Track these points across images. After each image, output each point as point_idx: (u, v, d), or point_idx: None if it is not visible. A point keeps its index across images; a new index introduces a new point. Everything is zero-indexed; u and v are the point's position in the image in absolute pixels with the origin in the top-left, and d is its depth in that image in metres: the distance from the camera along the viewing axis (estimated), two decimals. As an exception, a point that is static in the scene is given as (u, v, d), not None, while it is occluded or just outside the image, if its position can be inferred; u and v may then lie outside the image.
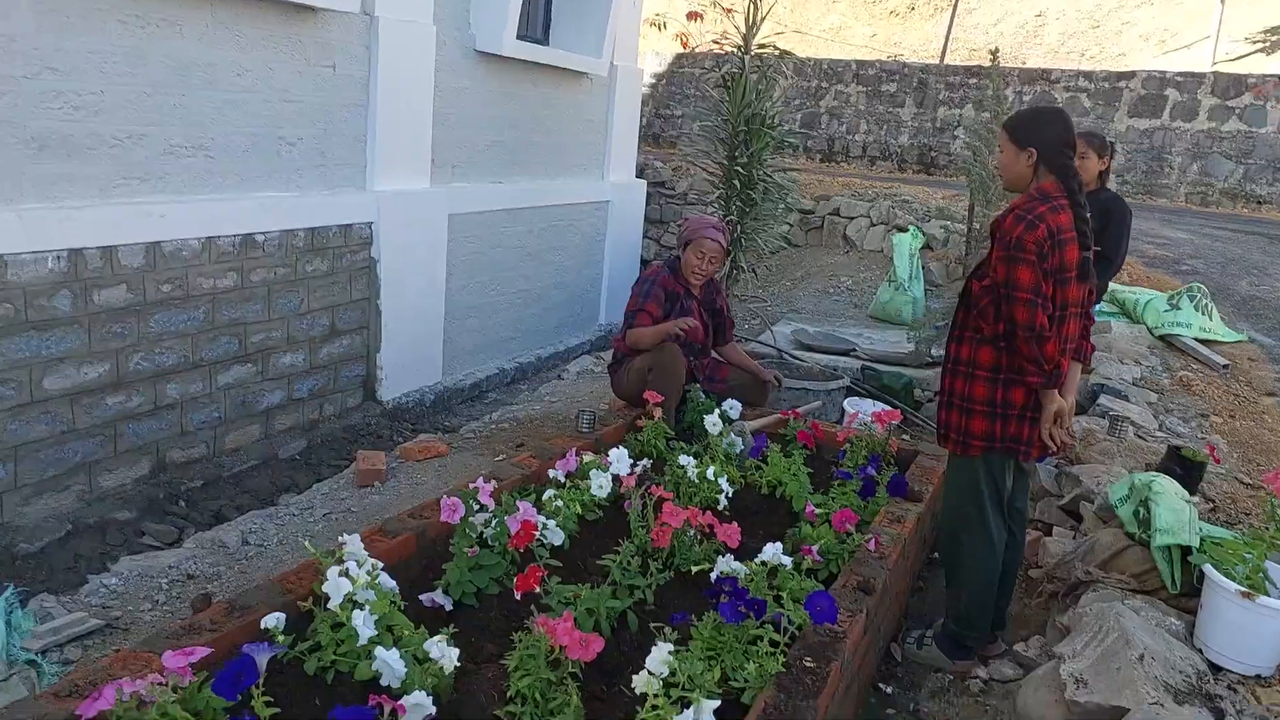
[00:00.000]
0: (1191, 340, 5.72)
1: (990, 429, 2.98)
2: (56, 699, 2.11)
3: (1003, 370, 2.95)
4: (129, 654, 2.30)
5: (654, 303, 4.34)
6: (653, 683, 2.25)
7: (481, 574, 2.94)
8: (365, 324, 6.17)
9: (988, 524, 3.04)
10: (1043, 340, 2.82)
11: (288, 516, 4.08)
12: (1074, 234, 2.89)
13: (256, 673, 1.98)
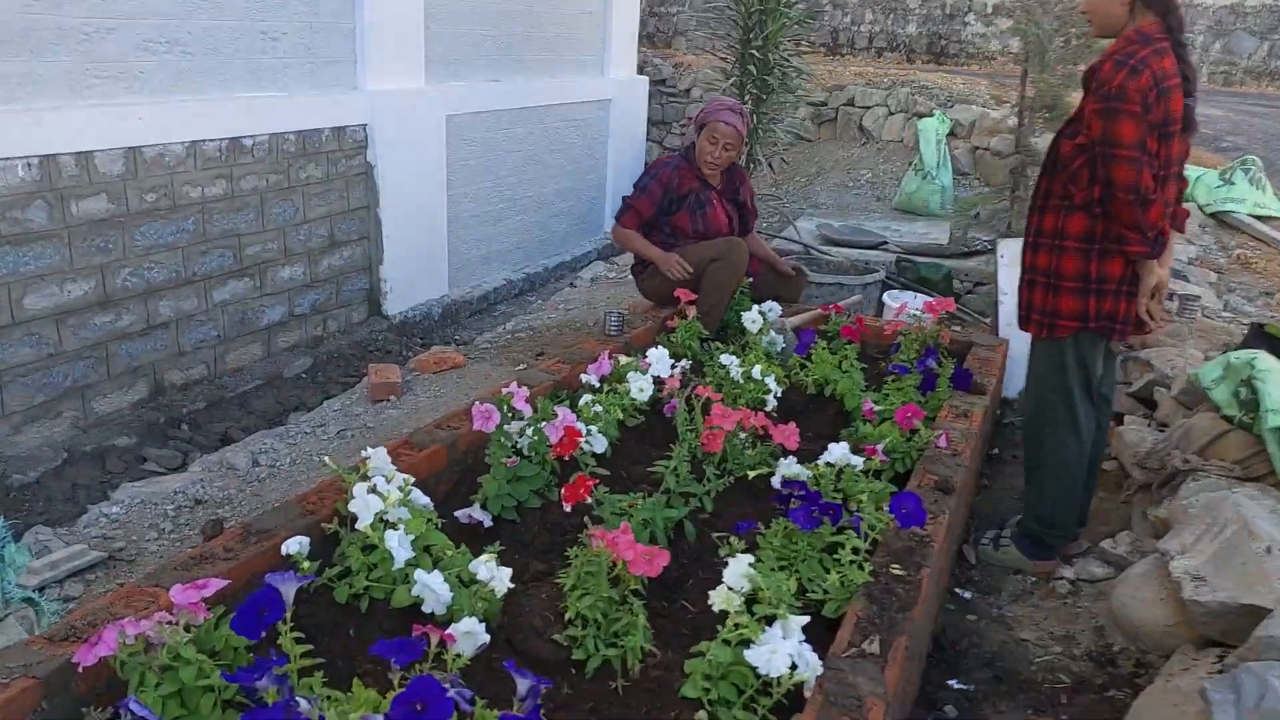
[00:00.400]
0: (1246, 216, 5.38)
1: (1082, 307, 2.67)
2: (51, 643, 1.84)
3: (1097, 240, 2.63)
4: (133, 589, 2.03)
5: (648, 200, 4.02)
6: (733, 598, 1.98)
7: (521, 486, 2.67)
8: (366, 234, 5.82)
9: (1075, 413, 2.76)
10: (1147, 204, 2.49)
11: (299, 435, 3.80)
12: (1178, 80, 2.54)
13: (282, 606, 1.70)
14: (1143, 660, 2.50)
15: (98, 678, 1.81)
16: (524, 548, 2.58)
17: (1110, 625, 2.61)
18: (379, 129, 5.67)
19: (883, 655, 1.97)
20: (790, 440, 2.80)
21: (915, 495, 2.32)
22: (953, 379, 3.31)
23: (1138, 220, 2.50)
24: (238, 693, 1.75)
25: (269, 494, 3.30)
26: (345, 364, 5.47)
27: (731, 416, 2.77)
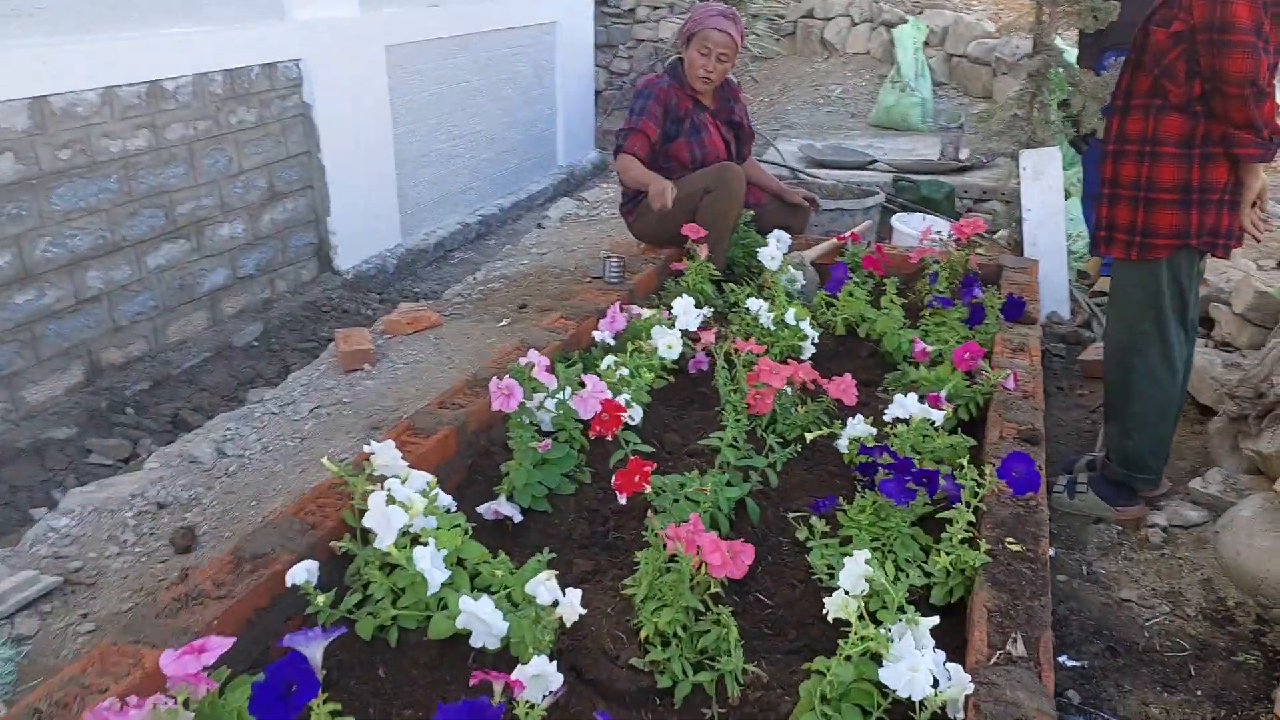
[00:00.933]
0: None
1: (1183, 222, 2.34)
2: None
3: (1197, 144, 2.29)
4: (109, 649, 1.62)
5: (650, 121, 3.53)
6: (851, 604, 1.65)
7: (550, 470, 2.29)
8: (309, 183, 5.28)
9: (1170, 342, 2.45)
10: (1263, 97, 2.15)
11: (266, 416, 3.35)
12: None
13: (314, 680, 1.32)
14: (1265, 616, 2.24)
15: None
16: (563, 542, 2.22)
17: (1219, 577, 2.35)
18: (314, 64, 5.10)
19: (1032, 657, 1.66)
20: (848, 395, 2.47)
21: (1026, 456, 2.00)
22: (1005, 308, 2.99)
23: (1253, 118, 2.16)
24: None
25: (243, 490, 2.88)
26: (300, 328, 4.99)
27: (781, 372, 2.42)
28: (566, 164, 8.02)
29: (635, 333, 2.84)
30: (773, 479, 2.29)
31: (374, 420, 3.24)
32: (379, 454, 2.02)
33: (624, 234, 4.98)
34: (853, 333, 3.20)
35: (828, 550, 2.04)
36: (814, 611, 2.01)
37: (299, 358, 4.66)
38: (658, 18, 8.96)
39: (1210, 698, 2.04)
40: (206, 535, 2.68)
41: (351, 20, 5.40)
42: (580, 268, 4.59)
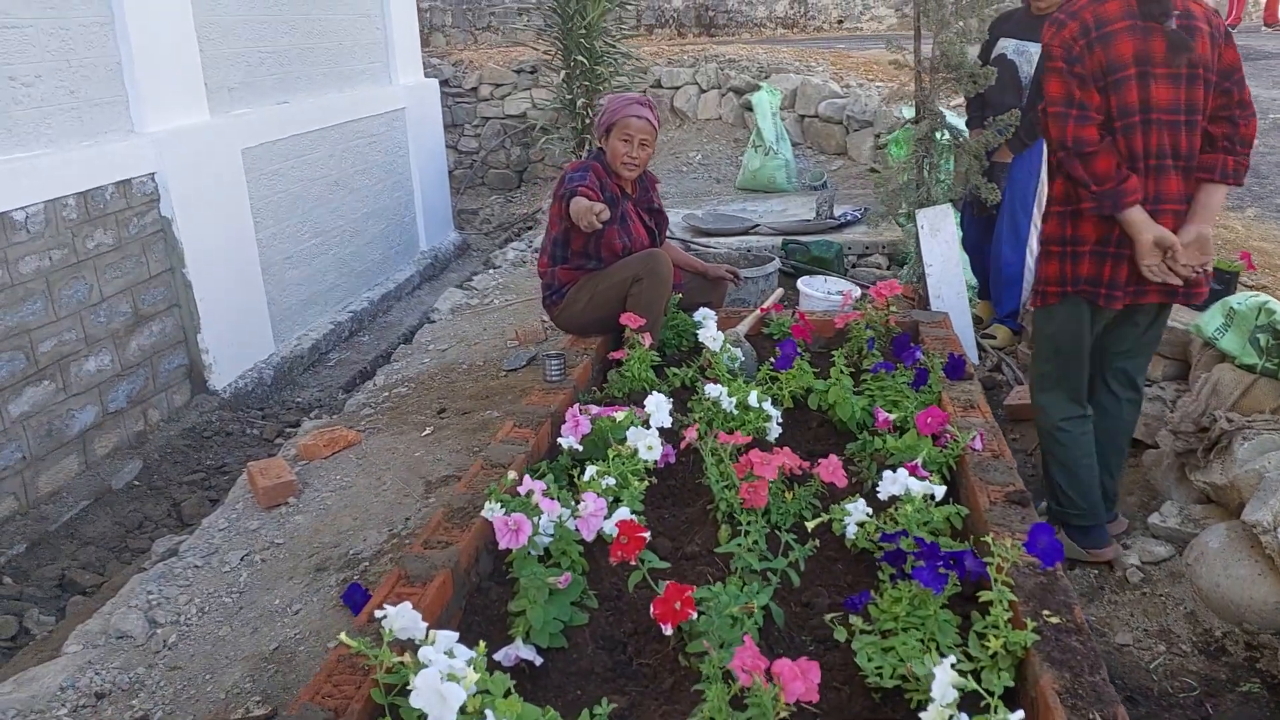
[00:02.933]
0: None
1: (1061, 271, 2.55)
2: None
3: (1071, 201, 2.51)
4: None
5: (592, 184, 3.48)
6: (945, 714, 1.62)
7: (561, 602, 2.18)
8: (175, 301, 4.95)
9: (1073, 385, 2.65)
10: (1085, 156, 2.38)
11: (189, 571, 3.06)
12: (1126, 24, 2.40)
13: None
14: (1253, 643, 2.36)
15: None
16: (586, 679, 2.10)
17: (1202, 609, 2.47)
18: (170, 176, 4.80)
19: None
20: (839, 477, 2.46)
21: (1048, 526, 2.04)
22: (946, 369, 3.08)
23: (1079, 175, 2.43)
24: None
25: (191, 664, 2.60)
26: (183, 459, 4.63)
27: (772, 463, 2.40)
28: (429, 248, 7.85)
29: (602, 434, 2.76)
30: (794, 579, 2.25)
31: (317, 561, 3.01)
32: (395, 618, 1.86)
33: (524, 321, 4.91)
34: (800, 404, 3.22)
35: (871, 648, 2.01)
36: (867, 715, 1.98)
37: (187, 492, 4.33)
38: (502, 94, 8.96)
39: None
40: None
41: (203, 126, 5.14)
42: (489, 361, 4.47)
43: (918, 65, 3.80)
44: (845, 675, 2.07)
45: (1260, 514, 2.34)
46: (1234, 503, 2.55)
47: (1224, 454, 2.60)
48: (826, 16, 12.05)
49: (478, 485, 2.60)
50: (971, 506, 2.49)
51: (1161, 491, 2.90)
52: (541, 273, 3.75)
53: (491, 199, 9.05)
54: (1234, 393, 2.71)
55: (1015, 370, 3.93)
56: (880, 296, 3.52)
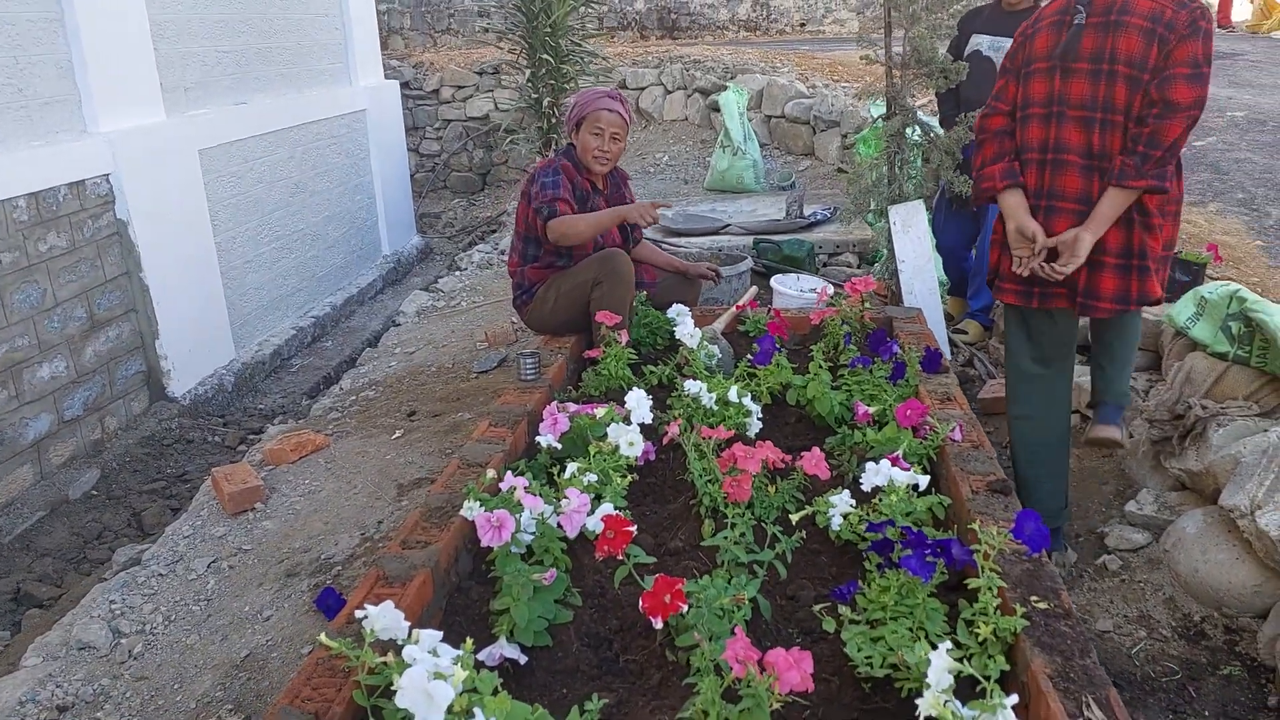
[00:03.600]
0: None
1: (997, 264, 2.62)
2: None
3: None
4: None
5: (566, 192, 3.44)
6: (942, 700, 1.60)
7: (544, 600, 2.13)
8: (132, 305, 4.83)
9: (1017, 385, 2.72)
10: (978, 144, 2.49)
11: (154, 579, 2.96)
12: (1053, 20, 2.43)
13: None
14: (1232, 626, 2.38)
15: None
16: (571, 677, 2.06)
17: (1180, 594, 2.48)
18: (125, 177, 4.69)
19: (1110, 718, 1.67)
20: (822, 470, 2.45)
21: (1034, 514, 2.03)
22: (923, 362, 3.08)
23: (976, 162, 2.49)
24: None
25: (158, 674, 2.51)
26: (142, 467, 4.51)
27: (755, 456, 2.38)
28: (391, 252, 7.75)
29: (581, 431, 2.72)
30: (782, 571, 2.23)
31: (288, 566, 2.94)
32: (377, 617, 1.80)
33: (493, 322, 4.86)
34: (777, 400, 3.21)
35: (860, 638, 1.99)
36: (858, 706, 1.96)
37: (148, 501, 4.22)
38: (464, 96, 8.88)
39: (1217, 715, 2.13)
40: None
41: (159, 127, 5.02)
42: (459, 364, 4.40)
43: (889, 61, 3.81)
44: (834, 666, 2.04)
45: (1237, 498, 2.36)
46: (1210, 489, 2.57)
47: (1199, 441, 2.63)
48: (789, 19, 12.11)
49: (455, 485, 2.54)
50: (954, 496, 2.49)
51: (1137, 480, 2.91)
52: (511, 272, 3.70)
53: (454, 202, 8.97)
54: (1207, 380, 2.73)
55: (987, 365, 3.95)
56: (855, 292, 3.51)
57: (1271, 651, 2.22)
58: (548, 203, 3.39)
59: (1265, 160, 5.18)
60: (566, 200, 3.40)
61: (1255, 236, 3.99)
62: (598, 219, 3.43)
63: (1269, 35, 11.17)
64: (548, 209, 3.38)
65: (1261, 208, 4.35)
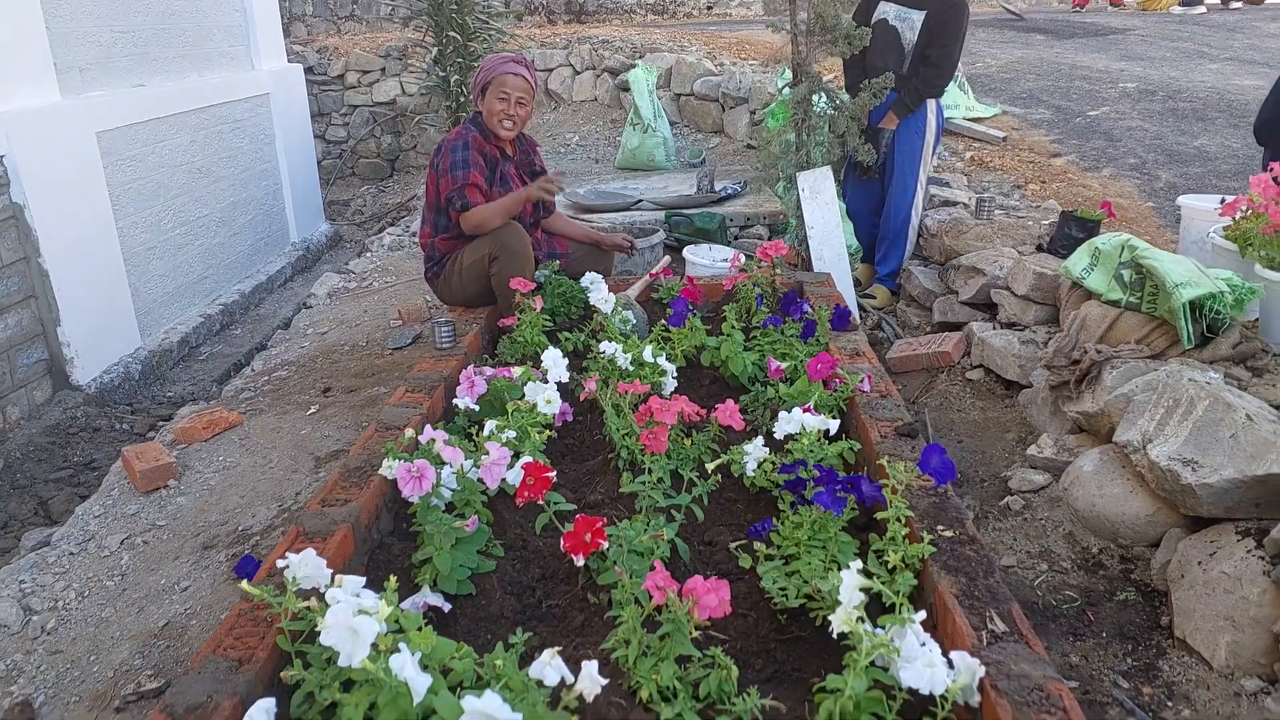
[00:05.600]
0: (964, 120, 5.81)
1: None
2: None
3: None
4: None
5: (477, 172, 3.44)
6: (853, 616, 1.67)
7: (467, 550, 2.15)
8: (31, 292, 4.65)
9: None
10: None
11: (65, 558, 2.88)
12: None
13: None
14: (1127, 556, 2.51)
15: None
16: (496, 623, 2.09)
17: (1079, 529, 2.61)
18: (20, 159, 4.52)
19: (1013, 629, 1.76)
20: (736, 420, 2.51)
21: (940, 447, 2.12)
22: (832, 320, 3.17)
23: None
24: None
25: (72, 647, 2.45)
26: (48, 457, 4.36)
27: (671, 409, 2.42)
28: (300, 240, 7.61)
29: (498, 393, 2.74)
30: (699, 515, 2.28)
31: (204, 539, 2.89)
32: (299, 565, 1.80)
33: (407, 301, 4.82)
34: (692, 364, 3.27)
35: (775, 572, 2.06)
36: (775, 637, 2.02)
37: (55, 489, 4.08)
38: (370, 81, 8.75)
39: (1115, 636, 2.26)
40: (45, 707, 2.26)
41: (54, 108, 4.85)
42: (373, 342, 4.36)
43: (794, 28, 3.90)
44: (751, 602, 2.11)
45: (1130, 434, 2.49)
46: (1105, 429, 2.70)
47: (1094, 384, 2.76)
48: (695, 3, 12.22)
49: (373, 446, 2.54)
50: (863, 441, 2.58)
51: (1038, 426, 3.05)
52: (423, 244, 3.69)
53: (363, 189, 8.83)
54: (1101, 326, 2.87)
55: (895, 328, 4.07)
56: (766, 257, 3.59)
57: (1164, 576, 2.35)
58: (458, 191, 3.41)
59: (1155, 128, 5.44)
60: (477, 186, 3.43)
61: (1146, 198, 4.19)
62: (506, 205, 3.47)
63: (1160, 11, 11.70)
64: (460, 200, 3.41)
65: (1152, 172, 4.56)
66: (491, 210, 3.42)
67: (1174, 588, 2.24)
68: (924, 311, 4.03)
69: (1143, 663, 2.16)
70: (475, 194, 3.41)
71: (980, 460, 3.05)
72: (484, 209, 3.41)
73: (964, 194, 4.46)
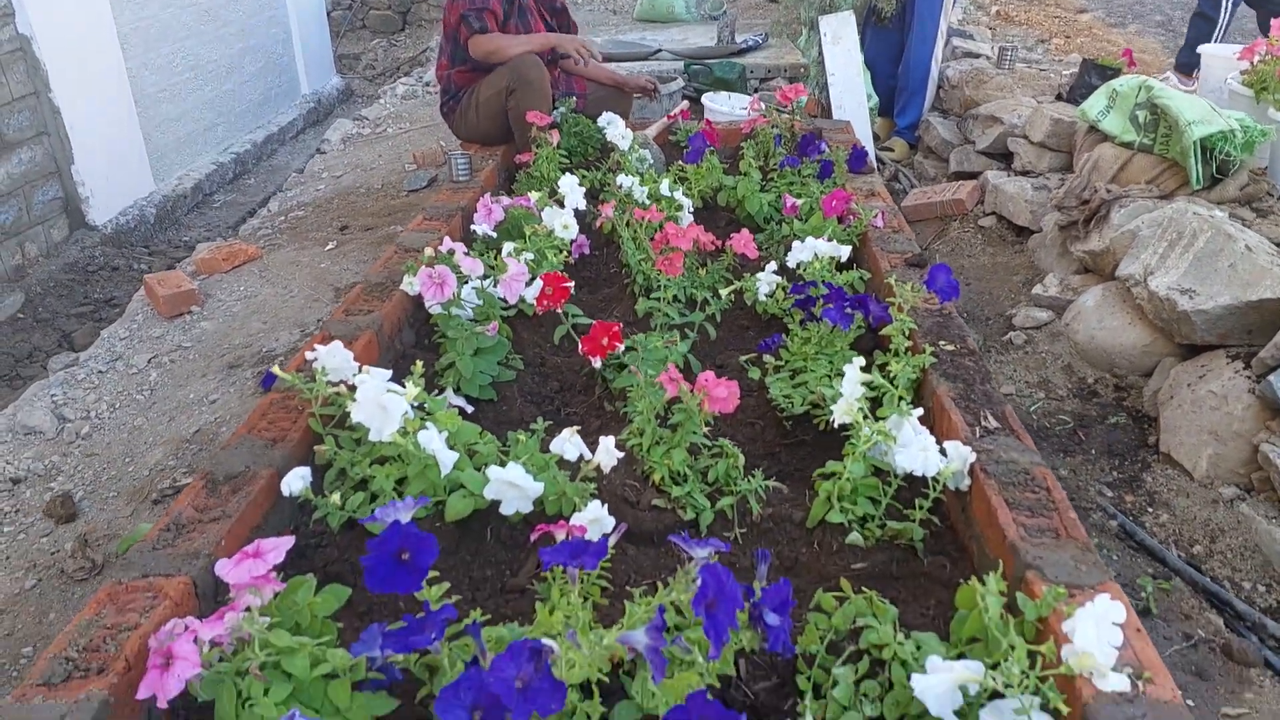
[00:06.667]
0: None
1: None
2: (53, 688, 1.27)
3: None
4: (117, 588, 1.45)
5: (492, 10, 3.39)
6: (854, 407, 1.76)
7: (488, 360, 2.24)
8: (43, 128, 4.65)
9: None
10: None
11: (95, 376, 2.99)
12: None
13: (431, 542, 1.26)
14: (1121, 385, 2.60)
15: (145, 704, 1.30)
16: (516, 427, 2.17)
17: (1077, 362, 2.69)
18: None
19: (1005, 426, 1.86)
20: (750, 249, 2.56)
21: (946, 266, 2.18)
22: (849, 161, 3.19)
23: None
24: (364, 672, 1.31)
25: (107, 450, 2.58)
26: (68, 293, 4.44)
27: (687, 235, 2.48)
28: (311, 91, 7.51)
29: (516, 221, 2.79)
30: (712, 333, 2.36)
31: (230, 359, 2.99)
32: (327, 356, 1.89)
33: (421, 145, 4.82)
34: (708, 204, 3.30)
35: (782, 383, 2.15)
36: (780, 442, 2.13)
37: (77, 324, 4.18)
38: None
39: (1103, 454, 2.36)
40: (85, 501, 2.40)
41: (58, -63, 4.74)
42: (388, 185, 4.38)
43: None
44: (759, 413, 2.21)
45: (1132, 267, 2.55)
46: (1109, 267, 2.75)
47: (1102, 223, 2.80)
48: None
49: (394, 266, 2.61)
50: (873, 272, 2.64)
51: (1044, 268, 3.10)
52: (439, 77, 3.66)
53: (374, 43, 8.67)
54: (1113, 167, 2.89)
55: (911, 179, 4.08)
56: (786, 100, 3.58)
57: (1154, 403, 2.44)
58: (475, 13, 3.34)
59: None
60: (494, 12, 3.36)
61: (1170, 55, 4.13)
62: (527, 41, 3.41)
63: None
64: (476, 22, 3.34)
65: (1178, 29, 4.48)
66: (507, 40, 3.38)
67: (1163, 409, 2.34)
68: (941, 163, 4.03)
69: (1127, 475, 2.26)
70: (490, 20, 3.37)
71: (987, 301, 3.11)
72: (499, 36, 3.37)
73: (986, 46, 4.39)
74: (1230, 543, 2.01)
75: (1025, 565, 1.47)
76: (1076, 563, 1.46)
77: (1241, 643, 1.76)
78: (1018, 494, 1.65)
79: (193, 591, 1.46)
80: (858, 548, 1.73)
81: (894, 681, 1.36)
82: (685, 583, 1.19)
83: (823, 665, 1.41)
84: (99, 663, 1.31)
